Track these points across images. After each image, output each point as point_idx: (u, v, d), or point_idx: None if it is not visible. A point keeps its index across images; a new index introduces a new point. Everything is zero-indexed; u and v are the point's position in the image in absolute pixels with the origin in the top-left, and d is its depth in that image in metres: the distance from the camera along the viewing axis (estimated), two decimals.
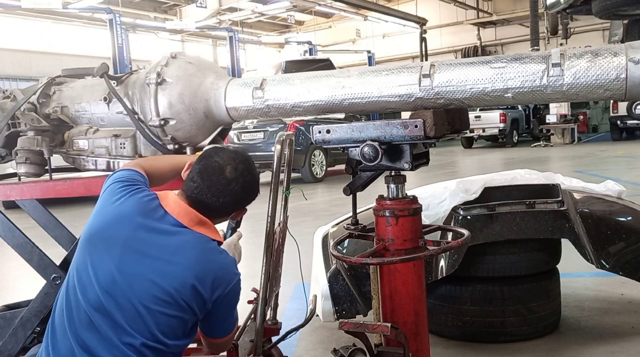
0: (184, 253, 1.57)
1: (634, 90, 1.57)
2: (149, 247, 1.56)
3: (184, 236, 1.59)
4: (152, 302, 1.51)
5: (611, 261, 2.74)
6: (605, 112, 25.34)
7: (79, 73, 2.34)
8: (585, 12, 5.55)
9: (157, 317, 1.52)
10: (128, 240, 1.57)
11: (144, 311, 1.51)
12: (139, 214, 1.60)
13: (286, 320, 2.76)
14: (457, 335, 2.99)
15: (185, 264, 1.55)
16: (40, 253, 2.23)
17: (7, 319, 2.25)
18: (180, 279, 1.53)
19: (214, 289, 1.58)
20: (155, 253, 1.56)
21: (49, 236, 2.66)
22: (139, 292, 1.52)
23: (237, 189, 1.67)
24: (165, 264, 1.54)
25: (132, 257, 1.55)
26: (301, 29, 29.80)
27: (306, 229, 4.62)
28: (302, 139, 11.08)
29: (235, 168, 1.68)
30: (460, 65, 1.74)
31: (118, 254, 1.55)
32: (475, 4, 26.30)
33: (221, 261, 1.63)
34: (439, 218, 2.87)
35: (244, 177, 1.69)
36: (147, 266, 1.54)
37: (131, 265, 1.54)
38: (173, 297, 1.53)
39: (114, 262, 1.54)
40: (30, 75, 19.56)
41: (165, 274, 1.53)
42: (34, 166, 2.28)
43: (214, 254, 1.63)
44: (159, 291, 1.52)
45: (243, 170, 1.69)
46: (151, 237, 1.57)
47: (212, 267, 1.59)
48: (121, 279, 1.53)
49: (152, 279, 1.53)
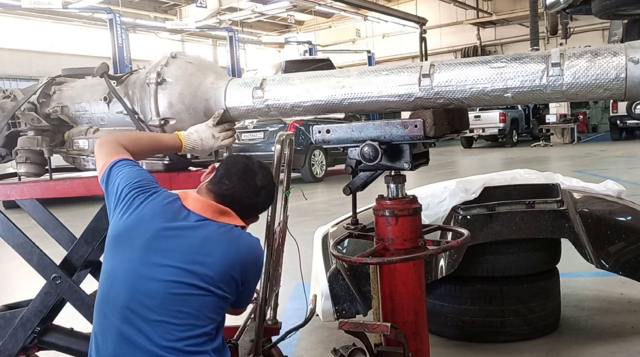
0: (213, 244, 1.62)
1: (633, 90, 1.57)
2: (176, 243, 1.60)
3: (209, 228, 1.64)
4: (183, 289, 1.56)
5: (611, 260, 2.74)
6: (605, 112, 25.33)
7: (79, 73, 2.34)
8: (585, 12, 5.55)
9: (190, 302, 1.56)
10: (153, 241, 1.60)
11: (175, 299, 1.55)
12: (162, 219, 1.64)
13: (286, 320, 2.76)
14: (457, 335, 2.99)
15: (216, 254, 1.61)
16: (40, 253, 2.23)
17: (7, 319, 2.25)
18: (214, 268, 1.59)
19: (245, 272, 1.67)
20: (184, 247, 1.60)
21: (49, 236, 2.66)
22: (166, 284, 1.55)
23: (264, 197, 1.78)
24: (195, 255, 1.59)
25: (160, 254, 1.59)
26: (301, 29, 29.80)
27: (306, 228, 4.62)
28: (302, 139, 11.08)
29: (265, 176, 1.78)
30: (460, 65, 1.74)
31: (143, 253, 1.59)
32: (475, 4, 26.31)
33: (248, 246, 1.70)
34: (439, 218, 2.87)
35: (270, 186, 1.81)
36: (178, 258, 1.58)
37: (159, 259, 1.58)
38: (207, 285, 1.57)
39: (139, 260, 1.59)
40: (30, 75, 19.56)
41: (197, 263, 1.58)
42: (34, 166, 2.28)
43: (241, 240, 1.68)
44: (192, 278, 1.56)
45: (270, 180, 1.81)
46: (178, 236, 1.62)
47: (241, 254, 1.66)
48: (147, 272, 1.57)
49: (184, 268, 1.57)
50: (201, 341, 1.57)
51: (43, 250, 2.26)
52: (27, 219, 2.61)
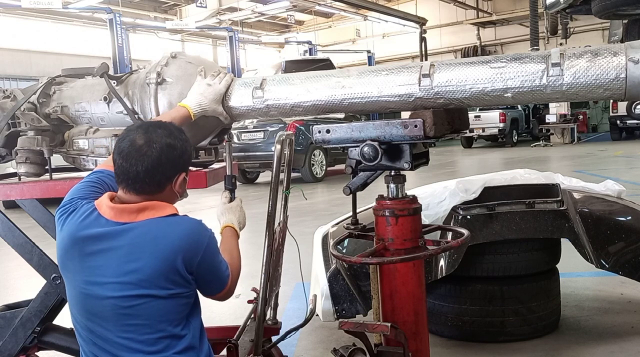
0: (139, 247, 1.53)
1: (633, 90, 1.57)
2: (105, 258, 1.54)
3: (131, 232, 1.55)
4: (129, 301, 1.52)
5: (611, 260, 2.74)
6: (604, 112, 25.33)
7: (79, 73, 2.34)
8: (585, 12, 5.54)
9: (140, 312, 1.52)
10: (84, 260, 1.56)
11: (124, 314, 1.52)
12: (82, 237, 1.57)
13: (286, 320, 2.76)
14: (457, 335, 2.99)
15: (144, 256, 1.52)
16: (40, 253, 2.24)
17: (7, 319, 2.26)
18: (145, 271, 1.51)
19: (190, 259, 1.56)
20: (113, 260, 1.54)
21: (49, 236, 2.65)
22: (112, 300, 1.52)
23: (153, 153, 1.58)
24: (125, 264, 1.52)
25: (96, 272, 1.55)
26: (301, 28, 29.80)
27: (306, 228, 4.61)
28: (302, 139, 11.08)
29: (146, 132, 1.61)
30: (459, 65, 1.74)
31: (81, 272, 1.56)
32: (475, 4, 26.31)
33: (178, 233, 1.56)
34: (439, 218, 2.87)
35: (161, 140, 1.60)
36: (111, 273, 1.53)
37: (96, 277, 1.54)
38: (147, 290, 1.51)
39: (82, 280, 1.56)
40: (30, 75, 19.57)
41: (130, 273, 1.52)
42: (34, 166, 2.28)
43: (168, 230, 1.56)
44: (131, 289, 1.51)
45: (161, 135, 1.61)
46: (103, 250, 1.55)
47: (174, 244, 1.54)
48: (93, 291, 1.54)
49: (120, 281, 1.52)
50: (162, 346, 1.54)
51: (43, 250, 2.26)
52: (27, 219, 2.61)
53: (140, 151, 1.58)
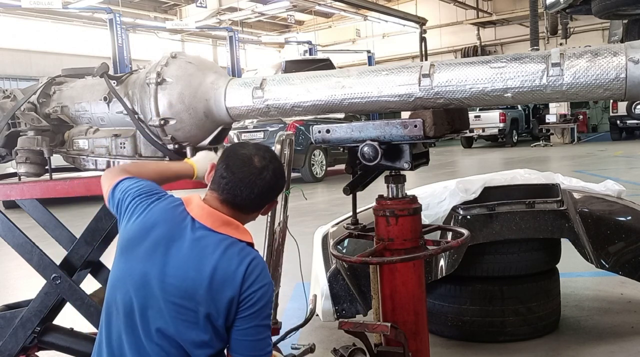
0: (207, 256, 1.52)
1: (633, 90, 1.57)
2: (174, 252, 1.55)
3: (208, 240, 1.55)
4: (176, 304, 1.51)
5: (611, 260, 2.74)
6: (604, 112, 25.31)
7: (79, 73, 2.34)
8: (585, 12, 5.54)
9: (178, 323, 1.51)
10: (156, 247, 1.56)
11: (170, 308, 1.51)
12: (165, 226, 1.58)
13: (286, 320, 2.76)
14: (457, 335, 2.99)
15: (205, 268, 1.51)
16: (40, 253, 2.24)
17: (7, 319, 2.26)
18: (201, 285, 1.50)
19: (236, 304, 1.52)
20: (179, 257, 1.54)
21: (49, 236, 2.66)
22: (164, 293, 1.52)
23: (269, 177, 1.60)
24: (186, 268, 1.52)
25: (158, 262, 1.54)
26: (301, 28, 29.79)
27: (306, 229, 4.61)
28: (302, 139, 11.08)
29: (263, 157, 1.62)
30: (459, 65, 1.74)
31: (145, 260, 1.55)
32: (475, 4, 26.30)
33: (246, 262, 1.54)
34: (439, 218, 2.87)
35: (273, 164, 1.63)
36: (171, 268, 1.53)
37: (157, 269, 1.54)
38: (191, 302, 1.50)
39: (144, 267, 1.55)
40: (30, 75, 19.56)
41: (188, 279, 1.51)
42: (34, 166, 2.28)
43: (238, 254, 1.55)
44: (180, 293, 1.51)
45: (271, 158, 1.64)
46: (177, 243, 1.56)
47: (232, 269, 1.52)
48: (151, 281, 1.53)
49: (173, 282, 1.52)
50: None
51: (43, 250, 2.26)
52: (27, 219, 2.61)
53: (260, 175, 1.59)
